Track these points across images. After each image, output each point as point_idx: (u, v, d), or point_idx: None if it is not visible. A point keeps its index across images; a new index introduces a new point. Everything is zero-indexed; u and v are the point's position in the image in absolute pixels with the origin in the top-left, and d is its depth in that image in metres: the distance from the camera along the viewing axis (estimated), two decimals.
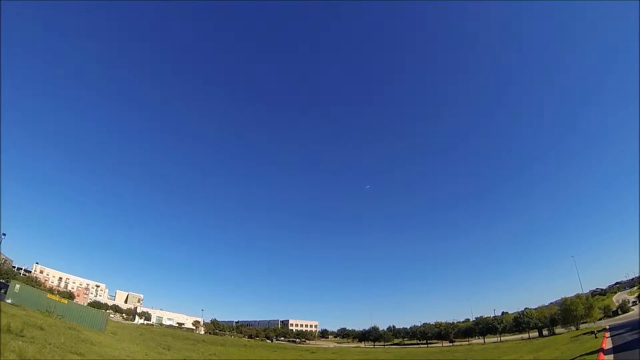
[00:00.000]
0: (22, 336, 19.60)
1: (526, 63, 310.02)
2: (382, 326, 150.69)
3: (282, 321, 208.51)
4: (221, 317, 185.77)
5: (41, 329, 25.31)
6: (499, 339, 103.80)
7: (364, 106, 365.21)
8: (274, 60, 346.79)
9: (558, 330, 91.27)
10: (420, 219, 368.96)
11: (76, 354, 20.65)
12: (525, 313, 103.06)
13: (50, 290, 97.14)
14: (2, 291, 54.19)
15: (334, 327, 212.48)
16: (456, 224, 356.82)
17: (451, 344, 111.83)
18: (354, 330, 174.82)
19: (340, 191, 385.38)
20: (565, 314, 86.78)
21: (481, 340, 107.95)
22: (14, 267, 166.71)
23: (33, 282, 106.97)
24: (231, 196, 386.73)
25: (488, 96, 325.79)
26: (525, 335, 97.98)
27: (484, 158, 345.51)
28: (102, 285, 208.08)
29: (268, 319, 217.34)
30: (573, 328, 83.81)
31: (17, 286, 45.31)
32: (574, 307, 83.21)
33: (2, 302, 36.52)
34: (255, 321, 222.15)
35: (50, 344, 20.42)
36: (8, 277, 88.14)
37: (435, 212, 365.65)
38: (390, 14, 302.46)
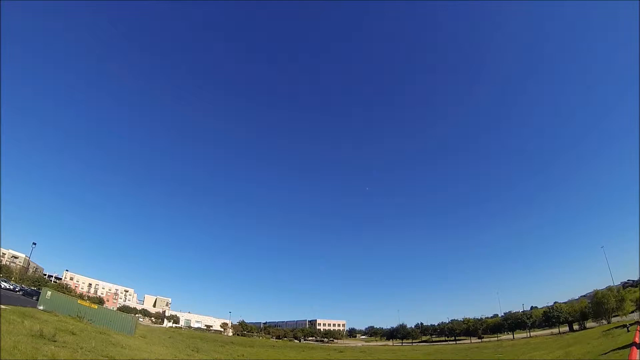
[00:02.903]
0: (55, 341, 20.49)
1: (543, 62, 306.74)
2: (410, 324, 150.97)
3: (309, 321, 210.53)
4: (249, 319, 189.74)
5: (73, 333, 26.41)
6: (528, 334, 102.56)
7: (382, 106, 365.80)
8: (274, 60, 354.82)
9: (589, 324, 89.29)
10: (445, 216, 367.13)
11: (107, 357, 21.42)
12: (554, 307, 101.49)
13: (81, 296, 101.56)
14: (34, 298, 57.03)
15: (361, 326, 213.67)
16: (482, 220, 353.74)
17: (480, 340, 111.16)
18: (382, 328, 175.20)
19: (365, 190, 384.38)
20: (596, 308, 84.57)
21: (510, 336, 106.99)
22: (45, 274, 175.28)
23: (64, 288, 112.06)
24: (255, 198, 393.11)
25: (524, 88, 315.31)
26: (556, 330, 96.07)
27: (506, 153, 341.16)
28: (131, 290, 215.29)
29: (296, 320, 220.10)
30: (604, 322, 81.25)
31: (49, 293, 47.42)
32: (605, 300, 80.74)
33: (31, 308, 38.29)
34: (283, 322, 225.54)
35: (81, 348, 21.30)
36: (39, 285, 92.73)
37: (460, 209, 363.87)
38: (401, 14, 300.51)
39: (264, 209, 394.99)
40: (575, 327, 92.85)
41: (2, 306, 29.75)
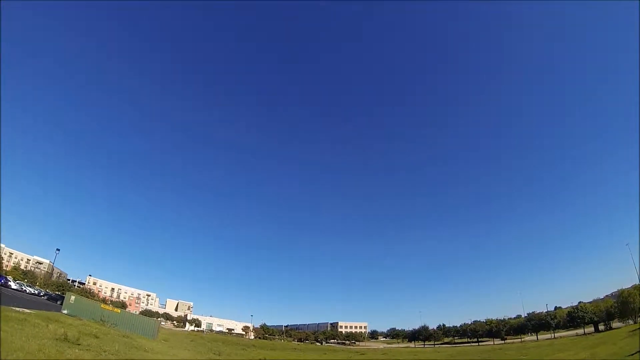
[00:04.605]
0: (79, 344, 20.96)
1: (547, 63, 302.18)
2: (432, 325, 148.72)
3: (331, 324, 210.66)
4: (270, 322, 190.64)
5: (96, 337, 27.02)
6: (552, 335, 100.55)
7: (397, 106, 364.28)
8: (274, 60, 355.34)
9: (615, 324, 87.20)
10: (466, 215, 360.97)
11: None
12: (579, 307, 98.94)
13: (104, 301, 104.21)
14: (59, 302, 58.79)
15: (383, 328, 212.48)
16: (503, 218, 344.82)
17: (503, 342, 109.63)
18: (404, 330, 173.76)
19: (384, 191, 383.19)
20: (622, 307, 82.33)
21: (534, 337, 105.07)
22: (69, 279, 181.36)
23: (87, 293, 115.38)
24: (277, 202, 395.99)
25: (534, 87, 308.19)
26: (580, 331, 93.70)
27: (527, 147, 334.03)
28: (153, 295, 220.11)
29: (317, 322, 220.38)
30: (631, 322, 79.22)
31: (73, 297, 48.88)
32: (632, 299, 78.42)
33: (56, 313, 39.36)
34: (304, 325, 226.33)
35: (105, 351, 21.75)
36: (63, 290, 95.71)
37: (482, 206, 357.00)
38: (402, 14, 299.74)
39: (286, 212, 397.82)
40: (601, 327, 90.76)
41: (27, 310, 30.73)
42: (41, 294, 78.34)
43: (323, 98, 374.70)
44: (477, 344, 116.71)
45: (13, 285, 66.87)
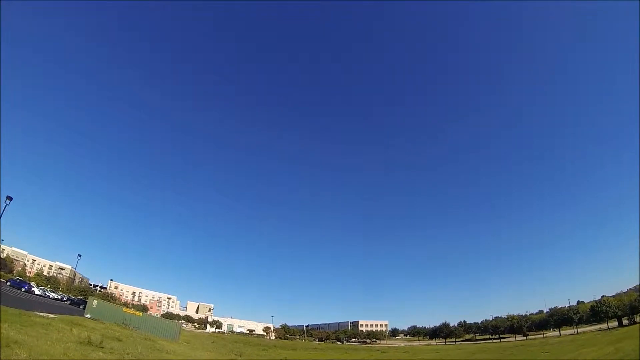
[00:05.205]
0: (102, 347, 21.28)
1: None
2: (453, 322, 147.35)
3: (352, 322, 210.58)
4: (291, 322, 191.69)
5: (119, 340, 27.44)
6: (575, 330, 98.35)
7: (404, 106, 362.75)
8: (278, 61, 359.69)
9: (639, 318, 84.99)
10: (485, 210, 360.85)
11: None
12: (602, 301, 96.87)
13: (125, 304, 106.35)
14: (81, 307, 60.04)
15: (404, 326, 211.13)
16: (523, 213, 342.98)
17: (525, 338, 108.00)
18: (424, 327, 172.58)
19: (403, 188, 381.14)
20: None
21: (556, 333, 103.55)
22: (91, 284, 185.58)
23: (109, 297, 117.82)
24: (296, 203, 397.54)
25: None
26: (604, 326, 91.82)
27: (548, 140, 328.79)
28: (174, 297, 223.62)
29: (338, 321, 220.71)
30: None
31: (95, 302, 49.83)
32: None
33: (79, 317, 40.15)
34: (325, 324, 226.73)
35: (128, 354, 22.06)
36: (86, 294, 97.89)
37: (501, 202, 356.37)
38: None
39: (306, 212, 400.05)
40: (625, 321, 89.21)
41: (51, 315, 31.41)
42: (64, 299, 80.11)
43: (330, 97, 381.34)
44: (498, 340, 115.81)
45: (37, 291, 68.49)
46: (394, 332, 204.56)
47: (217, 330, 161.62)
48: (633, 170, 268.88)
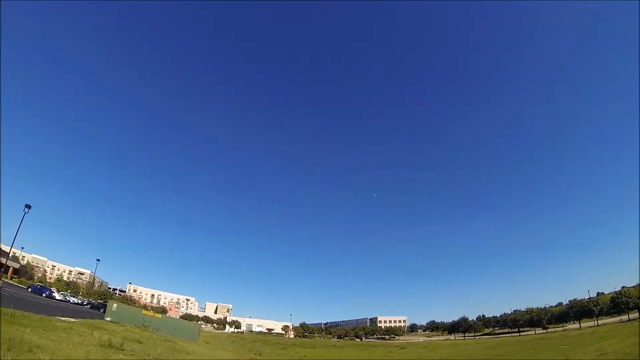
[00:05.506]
0: (123, 350, 21.48)
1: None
2: (472, 316, 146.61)
3: (370, 319, 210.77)
4: (310, 320, 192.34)
5: (139, 342, 27.73)
6: (595, 322, 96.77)
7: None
8: (276, 60, 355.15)
9: None
10: (502, 204, 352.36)
11: None
12: (622, 292, 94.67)
13: (144, 307, 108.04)
14: (101, 310, 61.05)
15: (422, 321, 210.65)
16: (542, 205, 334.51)
17: (544, 331, 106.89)
18: (443, 322, 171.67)
19: (417, 184, 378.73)
20: None
21: (576, 325, 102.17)
22: (110, 288, 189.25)
23: (128, 300, 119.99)
24: (309, 199, 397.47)
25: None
26: (625, 317, 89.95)
27: (571, 132, 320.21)
28: (192, 299, 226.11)
29: (356, 318, 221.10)
30: None
31: (115, 305, 50.61)
32: None
33: (99, 320, 40.76)
34: (343, 321, 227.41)
35: (148, 355, 22.26)
36: (105, 298, 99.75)
37: (517, 194, 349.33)
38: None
39: (321, 210, 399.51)
40: None
41: (72, 319, 31.90)
42: (84, 303, 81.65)
43: (331, 97, 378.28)
44: (518, 334, 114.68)
45: (57, 296, 69.72)
46: (413, 328, 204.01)
47: (236, 330, 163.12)
48: None
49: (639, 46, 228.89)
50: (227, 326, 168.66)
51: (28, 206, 50.74)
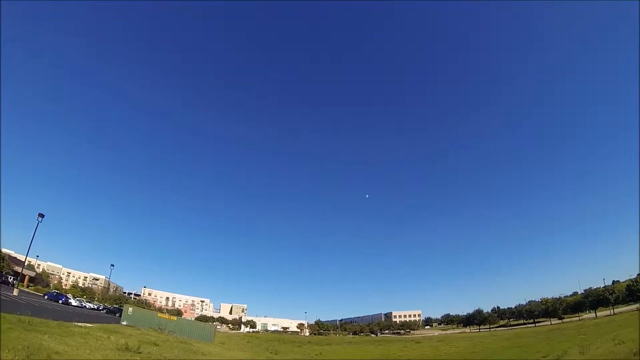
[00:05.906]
0: (140, 353, 21.73)
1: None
2: (486, 308, 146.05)
3: (385, 314, 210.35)
4: (325, 318, 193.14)
5: (156, 345, 28.03)
6: (612, 311, 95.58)
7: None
8: (276, 60, 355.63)
9: None
10: (514, 195, 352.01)
11: None
12: (638, 280, 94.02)
13: (160, 310, 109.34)
14: (117, 315, 61.85)
15: (437, 314, 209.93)
16: (557, 194, 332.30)
17: (560, 321, 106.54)
18: (458, 315, 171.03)
19: (429, 177, 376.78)
20: None
21: (592, 315, 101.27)
22: (125, 292, 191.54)
23: (143, 304, 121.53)
24: (321, 197, 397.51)
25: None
26: None
27: (592, 120, 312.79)
28: (207, 300, 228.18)
29: (371, 314, 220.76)
30: None
31: (130, 309, 51.29)
32: None
33: (115, 325, 41.31)
34: (358, 317, 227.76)
35: (165, 358, 22.50)
36: (121, 302, 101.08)
37: (528, 185, 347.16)
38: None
39: (332, 207, 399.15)
40: None
41: (89, 324, 32.35)
42: (100, 308, 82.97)
43: (330, 96, 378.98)
44: (533, 325, 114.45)
45: (73, 302, 70.82)
46: (428, 322, 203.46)
47: (251, 330, 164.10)
48: None
49: (639, 46, 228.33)
50: (243, 326, 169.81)
51: (41, 215, 51.55)
